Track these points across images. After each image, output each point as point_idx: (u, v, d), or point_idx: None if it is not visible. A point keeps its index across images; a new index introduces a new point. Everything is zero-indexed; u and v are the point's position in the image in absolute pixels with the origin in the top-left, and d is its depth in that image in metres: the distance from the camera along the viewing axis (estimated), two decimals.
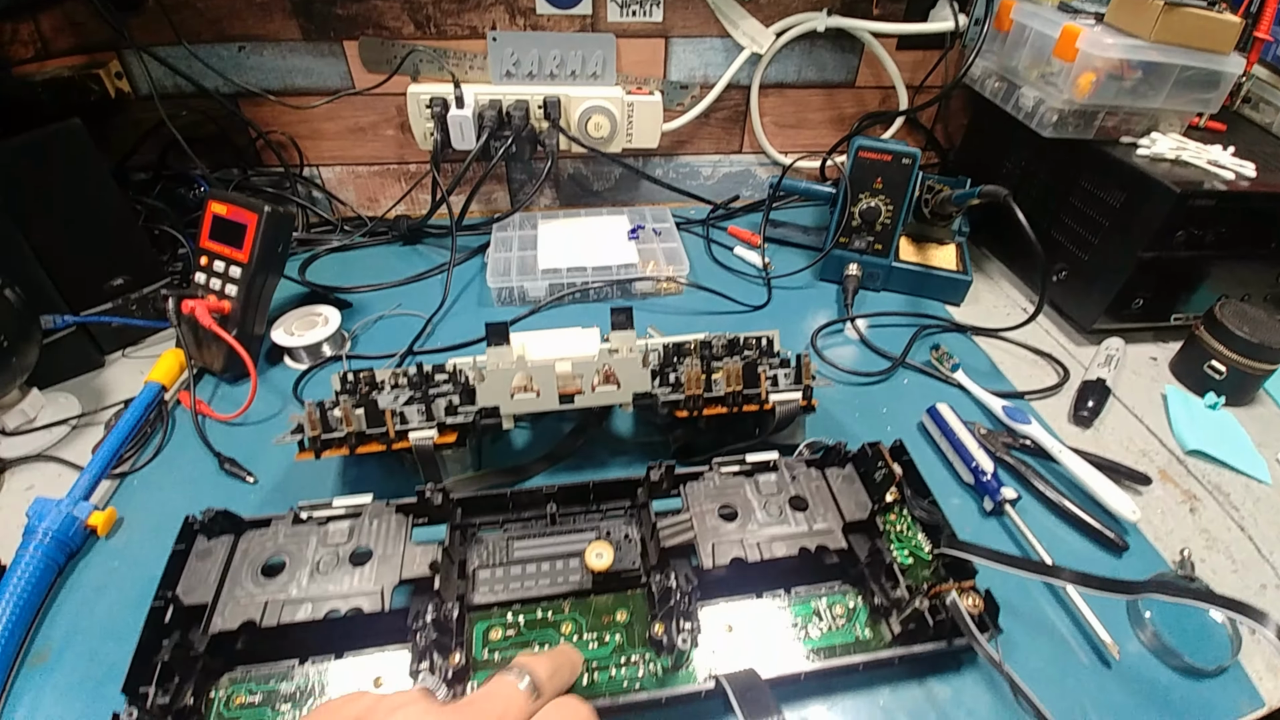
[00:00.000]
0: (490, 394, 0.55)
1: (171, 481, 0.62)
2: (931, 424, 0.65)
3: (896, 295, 0.87)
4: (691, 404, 0.57)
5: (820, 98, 0.99)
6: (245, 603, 0.43)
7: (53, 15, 0.80)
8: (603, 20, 0.88)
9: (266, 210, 0.67)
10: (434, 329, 0.80)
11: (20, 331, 0.62)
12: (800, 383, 0.59)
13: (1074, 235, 0.80)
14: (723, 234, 1.00)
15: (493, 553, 0.50)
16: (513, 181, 1.01)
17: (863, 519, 0.49)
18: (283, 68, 0.86)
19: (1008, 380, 0.74)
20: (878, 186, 0.82)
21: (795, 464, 0.54)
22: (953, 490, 0.61)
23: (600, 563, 0.46)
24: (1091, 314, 0.79)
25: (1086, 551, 0.57)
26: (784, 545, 0.47)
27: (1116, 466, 0.64)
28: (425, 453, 0.54)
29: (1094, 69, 0.73)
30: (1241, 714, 0.47)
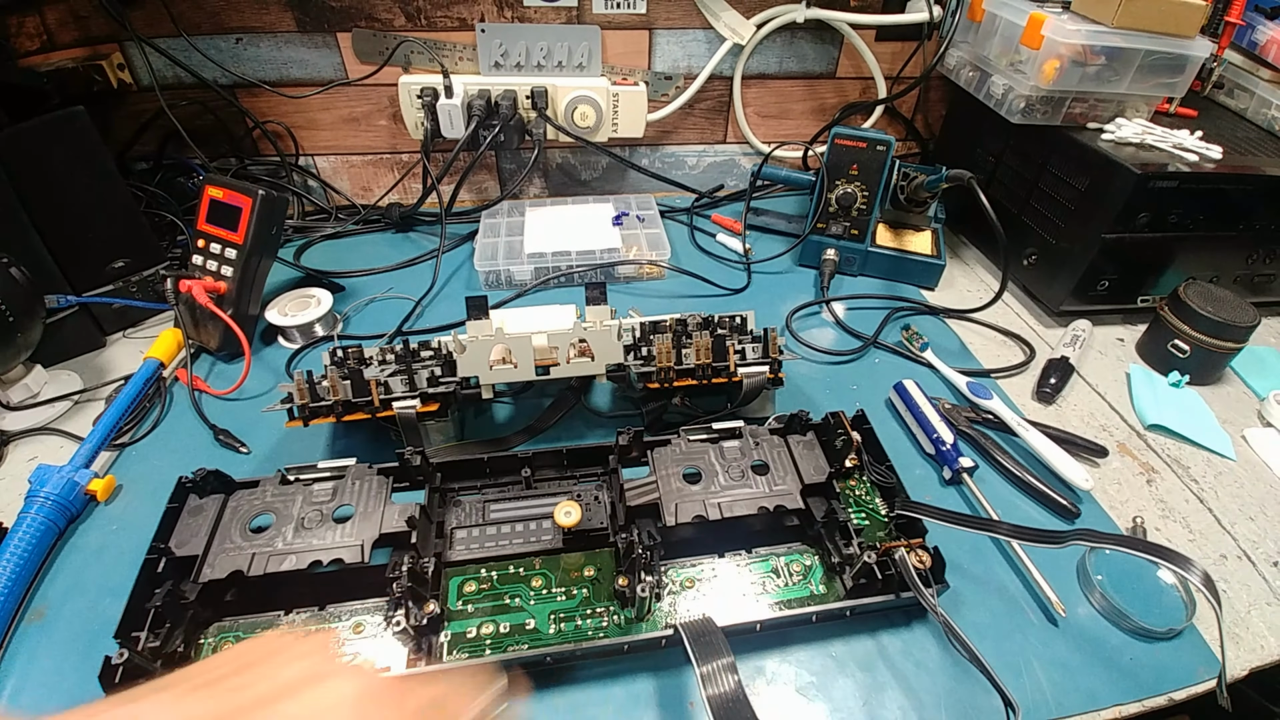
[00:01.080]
0: (470, 365, 0.57)
1: (168, 451, 0.64)
2: (898, 399, 0.68)
3: (873, 280, 0.89)
4: (662, 375, 0.60)
5: (802, 88, 1.01)
6: (234, 554, 0.46)
7: (57, 8, 0.83)
8: (588, 12, 0.90)
9: (260, 194, 0.70)
10: (423, 311, 0.83)
11: (25, 308, 0.65)
12: (767, 355, 0.61)
13: (1043, 219, 0.82)
14: (707, 222, 1.02)
15: (470, 514, 0.53)
16: (502, 171, 1.04)
17: (820, 481, 0.52)
18: (278, 59, 0.89)
19: (976, 359, 0.76)
20: (854, 173, 0.85)
21: (759, 431, 0.56)
22: (915, 461, 0.64)
23: (568, 520, 0.49)
24: (1059, 296, 0.81)
25: (1040, 518, 0.60)
26: (744, 506, 0.50)
27: (1074, 439, 0.66)
28: (409, 421, 0.57)
29: (1058, 55, 0.75)
30: (1199, 680, 0.49)
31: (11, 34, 0.84)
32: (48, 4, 0.83)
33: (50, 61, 0.86)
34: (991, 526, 0.48)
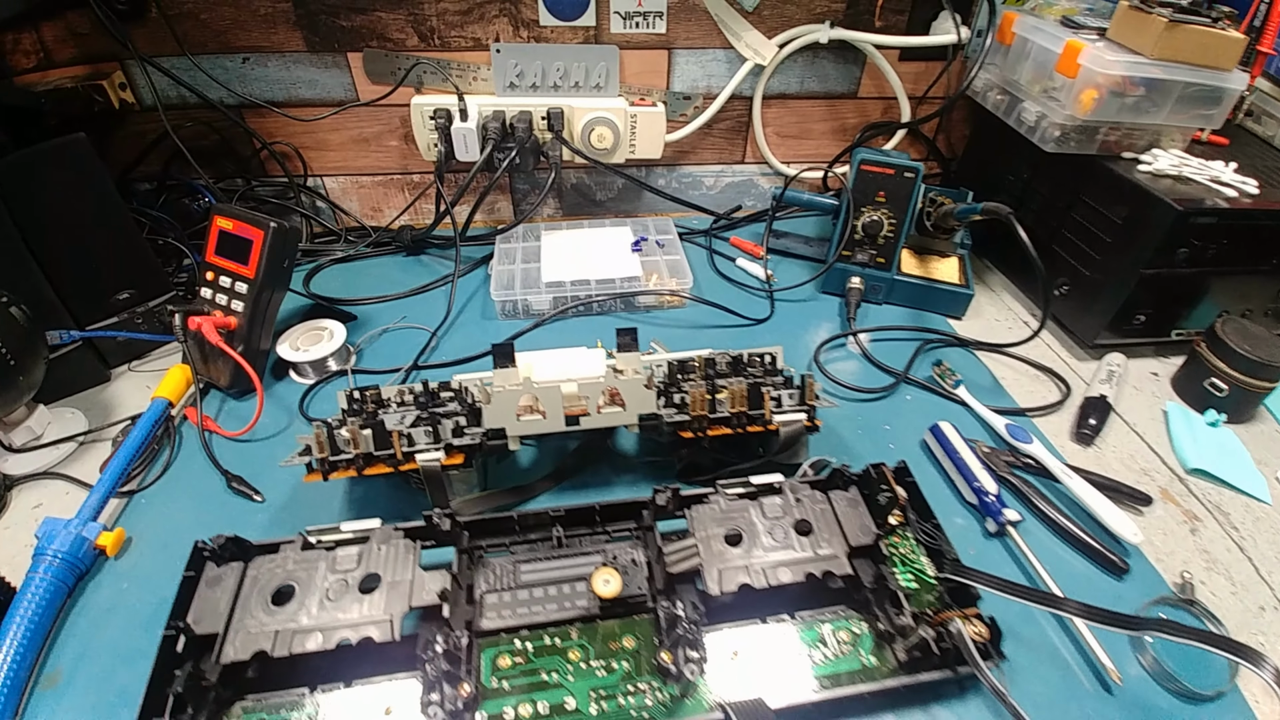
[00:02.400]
0: (496, 415, 0.55)
1: (179, 499, 0.62)
2: (934, 442, 0.66)
3: (899, 308, 0.87)
4: (696, 424, 0.58)
5: (822, 108, 0.99)
6: (256, 632, 0.43)
7: (55, 25, 0.80)
8: (606, 32, 0.88)
9: (273, 226, 0.67)
10: (438, 343, 0.80)
11: (26, 348, 0.62)
12: (804, 403, 0.59)
13: (1076, 250, 0.80)
14: (725, 244, 1.00)
15: (500, 576, 0.51)
16: (515, 192, 1.01)
17: (868, 544, 0.50)
18: (286, 79, 0.86)
19: (1010, 396, 0.74)
20: (880, 200, 0.82)
21: (799, 486, 0.54)
22: (955, 510, 0.61)
23: (608, 589, 0.46)
24: (1093, 329, 0.79)
25: (1087, 573, 0.58)
26: (790, 571, 0.48)
27: (1118, 486, 0.64)
28: (433, 474, 0.54)
29: (1096, 85, 0.73)
30: None
31: (7, 51, 0.81)
32: (45, 21, 0.80)
33: (48, 80, 0.83)
34: (1057, 603, 0.46)
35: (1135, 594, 0.56)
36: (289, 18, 0.81)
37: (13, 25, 0.80)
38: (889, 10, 0.89)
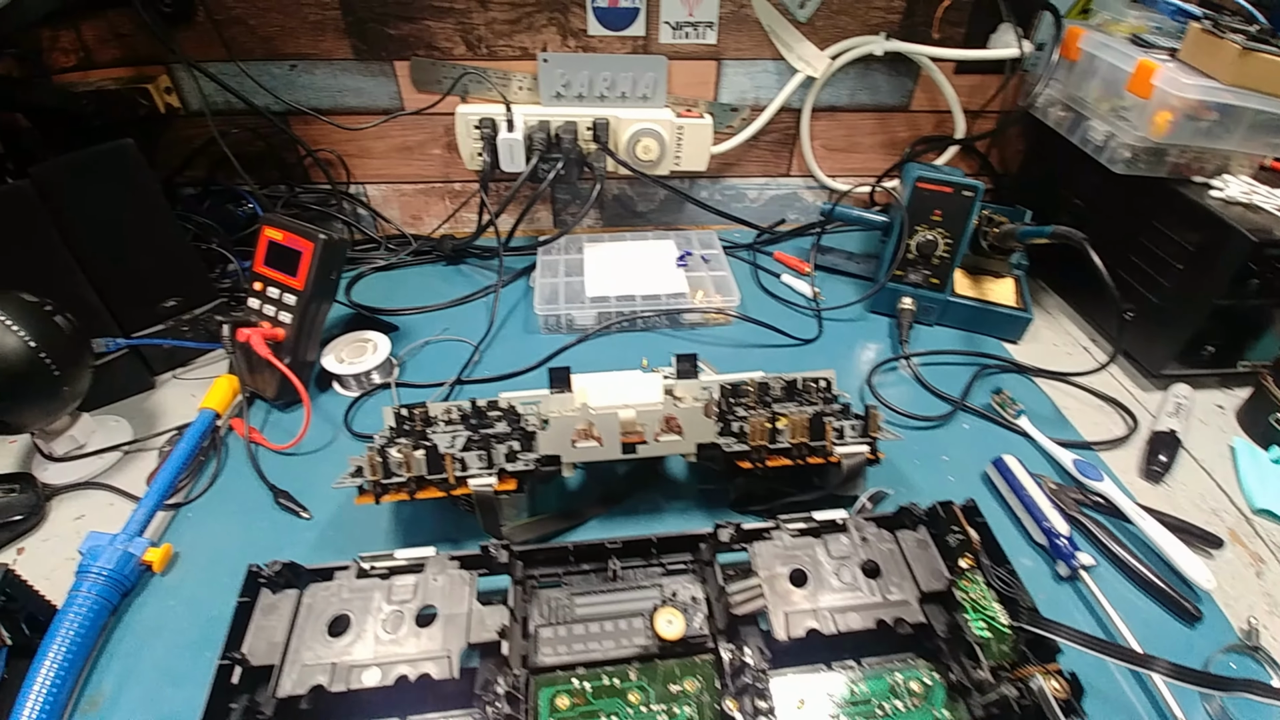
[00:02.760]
0: (552, 442, 0.53)
1: (226, 514, 0.61)
2: (998, 477, 0.63)
3: (951, 330, 0.85)
4: (755, 455, 0.56)
5: (873, 121, 0.97)
6: (313, 664, 0.42)
7: (95, 24, 0.80)
8: (655, 42, 0.86)
9: (322, 239, 0.67)
10: (481, 356, 0.79)
11: (71, 357, 0.61)
12: (867, 434, 0.57)
13: (1144, 276, 0.77)
14: (769, 259, 0.98)
15: (555, 610, 0.49)
16: (556, 201, 1.00)
17: (940, 590, 0.48)
18: (333, 87, 0.85)
19: (1073, 428, 0.72)
20: (936, 218, 0.80)
21: (865, 524, 0.52)
22: (1022, 550, 0.59)
23: (671, 631, 0.45)
24: (1161, 359, 0.76)
25: (1157, 618, 0.55)
26: (859, 617, 0.46)
27: (1189, 528, 0.61)
28: (486, 500, 0.53)
29: (1170, 108, 0.70)
30: None
31: (44, 48, 0.80)
32: (84, 19, 0.79)
33: (89, 81, 0.83)
34: (1146, 662, 0.44)
35: (1205, 641, 0.54)
36: (338, 25, 0.80)
37: (50, 21, 0.79)
38: (946, 22, 0.86)
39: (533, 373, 0.76)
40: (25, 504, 0.60)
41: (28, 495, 0.61)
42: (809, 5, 0.84)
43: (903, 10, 0.85)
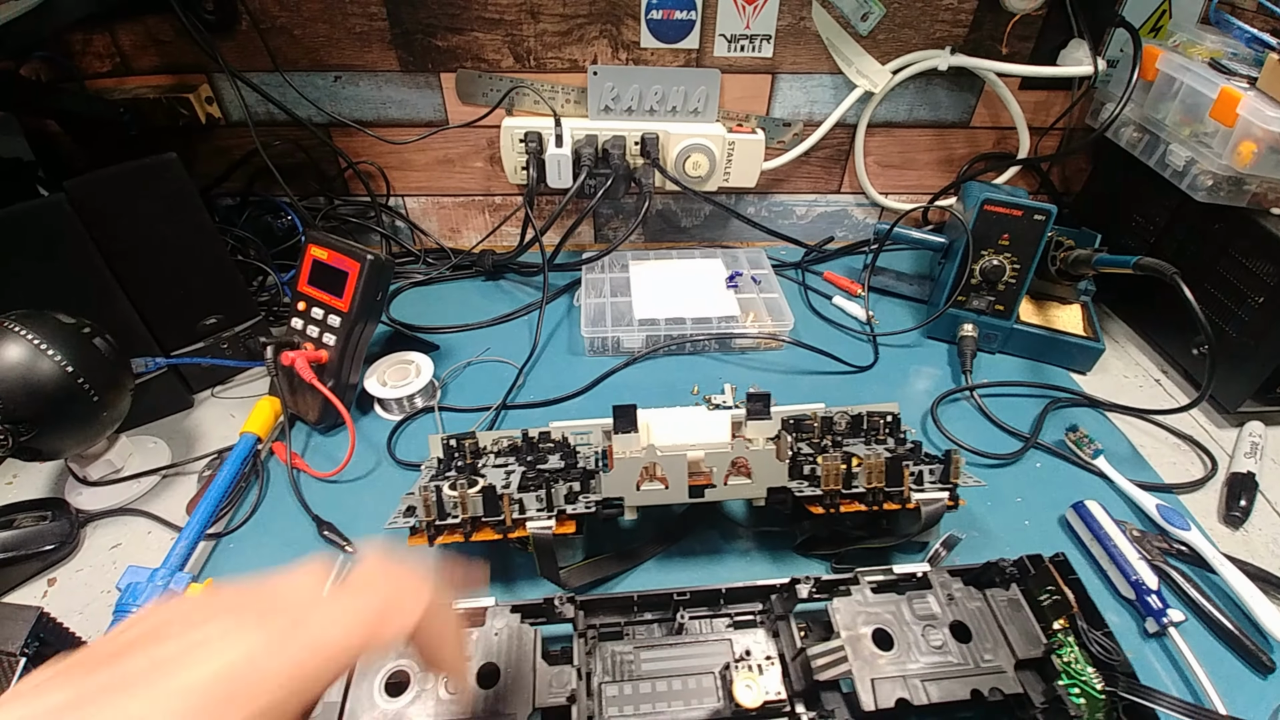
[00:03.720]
0: (616, 484, 0.51)
1: (269, 546, 0.59)
2: (1079, 522, 0.60)
3: (1014, 359, 0.81)
4: (828, 499, 0.53)
5: (930, 137, 0.93)
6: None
7: (132, 30, 0.78)
8: (709, 55, 0.83)
9: (370, 259, 0.64)
10: (524, 379, 0.76)
11: (111, 381, 0.59)
12: (948, 481, 0.54)
13: (1221, 308, 0.73)
14: (817, 279, 0.94)
15: (619, 665, 0.46)
16: (598, 216, 0.98)
17: (1037, 656, 0.44)
18: (377, 98, 0.83)
19: (1151, 468, 0.68)
20: (1004, 243, 0.76)
21: (950, 580, 0.49)
22: (1108, 604, 0.56)
23: (751, 698, 0.42)
24: (1238, 395, 0.72)
25: (1230, 667, 0.52)
26: (952, 685, 0.43)
27: (1266, 576, 0.58)
28: (544, 544, 0.50)
29: (1255, 139, 0.67)
30: None
31: (76, 51, 0.78)
32: (120, 23, 0.77)
33: (125, 88, 0.81)
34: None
35: (1275, 690, 0.51)
36: (384, 37, 0.78)
37: (84, 26, 0.77)
38: (1015, 36, 0.83)
39: (581, 398, 0.73)
40: (58, 532, 0.58)
41: (60, 523, 0.59)
42: (871, 18, 0.81)
43: (969, 24, 0.82)
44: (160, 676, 0.21)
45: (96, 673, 0.21)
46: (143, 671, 0.21)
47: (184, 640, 0.22)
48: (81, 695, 0.20)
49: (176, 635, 0.22)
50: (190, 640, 0.22)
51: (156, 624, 0.23)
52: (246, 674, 0.21)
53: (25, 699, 0.20)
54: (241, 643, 0.22)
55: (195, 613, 0.23)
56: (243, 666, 0.21)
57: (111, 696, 0.20)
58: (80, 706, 0.20)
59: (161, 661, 0.21)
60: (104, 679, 0.21)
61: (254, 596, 0.24)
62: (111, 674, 0.21)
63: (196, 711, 0.20)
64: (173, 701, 0.20)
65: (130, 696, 0.20)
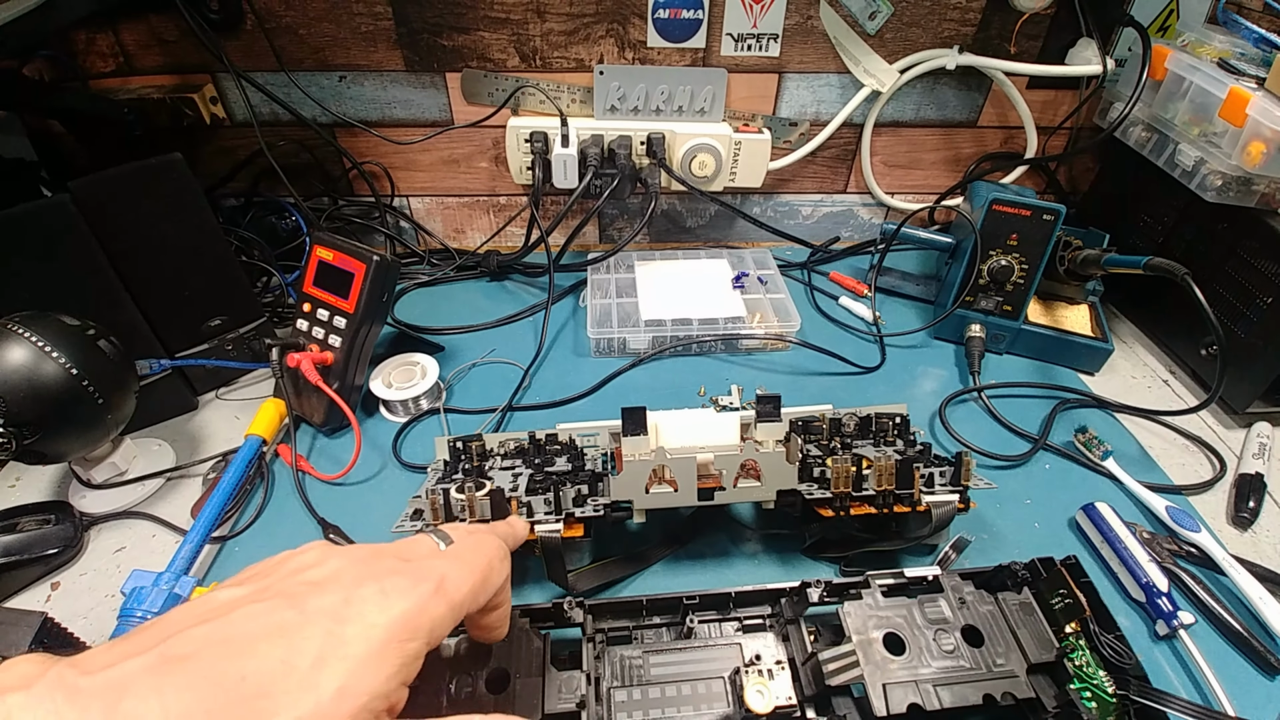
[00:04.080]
0: (624, 487, 0.50)
1: (274, 549, 0.55)
2: (1089, 524, 0.59)
3: (1022, 360, 0.81)
4: (838, 502, 0.52)
5: (937, 137, 0.93)
6: None
7: (135, 28, 0.78)
8: (715, 54, 0.83)
9: (375, 260, 0.64)
10: (530, 380, 0.76)
11: (116, 384, 0.58)
12: (959, 483, 0.53)
13: (1229, 308, 0.73)
14: (822, 279, 0.94)
15: (627, 669, 0.46)
16: (603, 216, 0.97)
17: (1050, 660, 0.44)
18: (382, 98, 0.82)
19: (1161, 470, 0.68)
20: (1012, 243, 0.76)
21: (962, 584, 0.48)
22: (1118, 606, 0.55)
23: (762, 704, 0.41)
24: (1246, 396, 0.72)
25: (1239, 669, 0.52)
26: (965, 690, 0.42)
27: (1275, 578, 0.58)
28: (552, 547, 0.50)
29: (1264, 139, 0.66)
30: None
31: (79, 51, 0.78)
32: (123, 22, 0.77)
33: (129, 87, 0.81)
34: None
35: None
36: (390, 36, 0.78)
37: (86, 25, 0.77)
38: (1023, 35, 0.82)
39: (587, 400, 0.73)
40: (61, 536, 0.58)
41: (64, 526, 0.58)
42: (879, 17, 0.80)
43: (977, 23, 0.81)
44: (358, 613, 0.26)
45: (302, 598, 0.26)
46: (340, 605, 0.26)
47: (366, 589, 0.28)
48: (304, 615, 0.26)
49: (354, 585, 0.28)
50: (371, 590, 0.28)
51: (329, 572, 0.28)
52: (412, 620, 0.27)
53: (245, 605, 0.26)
54: (406, 598, 0.28)
55: (364, 568, 0.29)
56: (411, 613, 0.27)
57: (325, 621, 0.26)
58: (303, 627, 0.25)
59: (355, 600, 0.27)
60: (315, 605, 0.26)
61: (400, 562, 0.30)
62: (319, 602, 0.26)
63: (387, 641, 0.26)
64: (374, 631, 0.26)
65: (343, 623, 0.26)
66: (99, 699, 0.22)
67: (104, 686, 0.22)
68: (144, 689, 0.22)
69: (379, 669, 0.25)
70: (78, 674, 0.22)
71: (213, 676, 0.23)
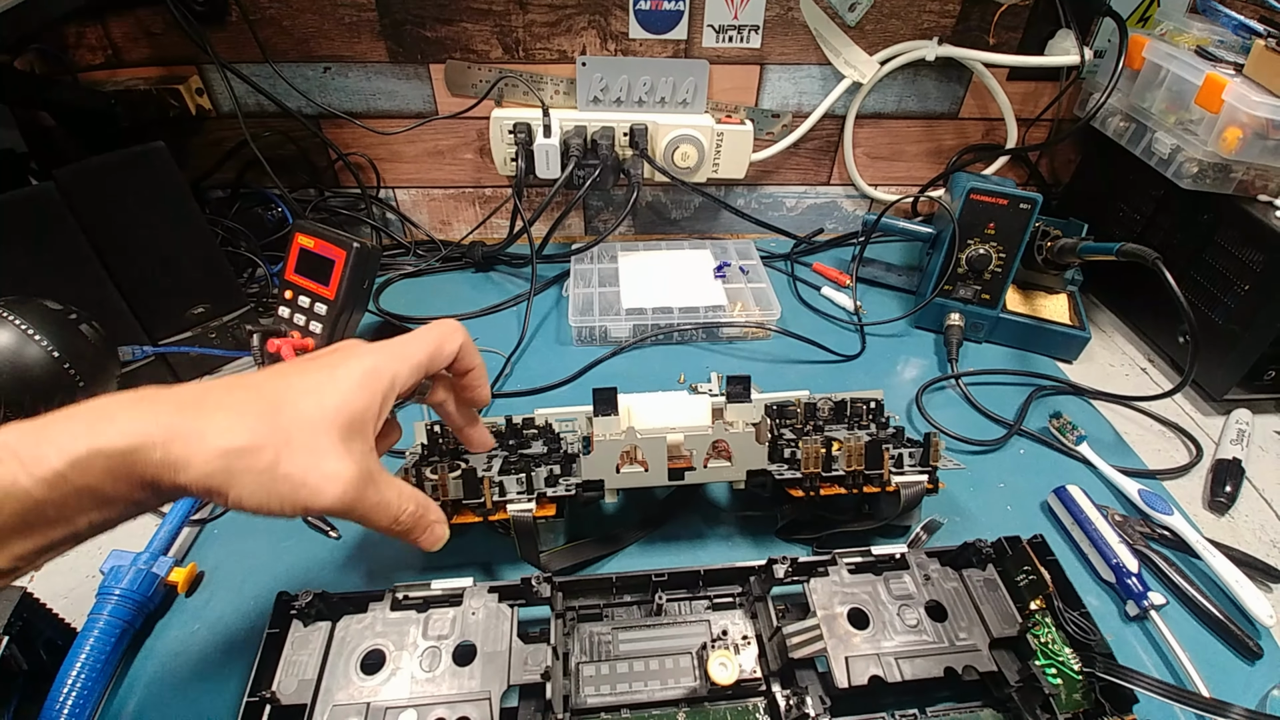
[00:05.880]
0: (595, 467, 0.51)
1: (252, 531, 0.59)
2: (1060, 507, 0.60)
3: (1000, 348, 0.81)
4: (808, 483, 0.53)
5: (919, 129, 0.93)
6: (346, 704, 0.40)
7: (124, 22, 0.78)
8: (697, 46, 0.83)
9: (355, 246, 0.65)
10: (512, 368, 0.76)
11: (97, 367, 0.59)
12: (926, 463, 0.54)
13: (1207, 295, 0.74)
14: (806, 270, 0.95)
15: (597, 645, 0.47)
16: (588, 208, 0.98)
17: (1012, 635, 0.44)
18: (367, 90, 0.83)
19: (1135, 455, 0.68)
20: (989, 232, 0.77)
21: (928, 562, 0.49)
22: (1088, 587, 0.56)
23: (725, 676, 0.42)
24: (1224, 383, 0.73)
25: (1216, 653, 0.53)
26: (925, 663, 0.43)
27: (1251, 561, 0.58)
28: (524, 526, 0.50)
29: (1240, 124, 0.67)
30: None
31: (70, 44, 0.79)
32: (112, 16, 0.78)
33: (117, 80, 0.82)
34: (1224, 710, 0.41)
35: (1264, 677, 0.51)
36: (373, 27, 0.78)
37: (76, 18, 0.78)
38: (1002, 26, 0.83)
39: (567, 387, 0.73)
40: None
41: None
42: (859, 9, 0.81)
43: (956, 15, 0.82)
44: (345, 367, 0.36)
45: (295, 364, 0.37)
46: (336, 364, 0.36)
47: (338, 356, 0.37)
48: (296, 366, 0.36)
49: (345, 357, 0.37)
50: (342, 356, 0.37)
51: (327, 354, 0.38)
52: (379, 366, 0.37)
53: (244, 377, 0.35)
54: (376, 357, 0.37)
55: (336, 354, 0.38)
56: (379, 363, 0.37)
57: (327, 370, 0.36)
58: (301, 371, 0.36)
59: (330, 363, 0.36)
60: (321, 364, 0.36)
61: (369, 347, 0.39)
62: (306, 364, 0.37)
63: (363, 378, 0.36)
64: (355, 373, 0.36)
65: (328, 367, 0.36)
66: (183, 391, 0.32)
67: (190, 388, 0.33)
68: (220, 389, 0.33)
69: (359, 393, 0.35)
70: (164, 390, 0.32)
71: (263, 388, 0.34)
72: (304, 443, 0.32)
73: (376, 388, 0.36)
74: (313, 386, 0.34)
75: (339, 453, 0.33)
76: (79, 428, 0.28)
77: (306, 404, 0.33)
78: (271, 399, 0.33)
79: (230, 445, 0.30)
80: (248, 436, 0.31)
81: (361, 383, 0.35)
